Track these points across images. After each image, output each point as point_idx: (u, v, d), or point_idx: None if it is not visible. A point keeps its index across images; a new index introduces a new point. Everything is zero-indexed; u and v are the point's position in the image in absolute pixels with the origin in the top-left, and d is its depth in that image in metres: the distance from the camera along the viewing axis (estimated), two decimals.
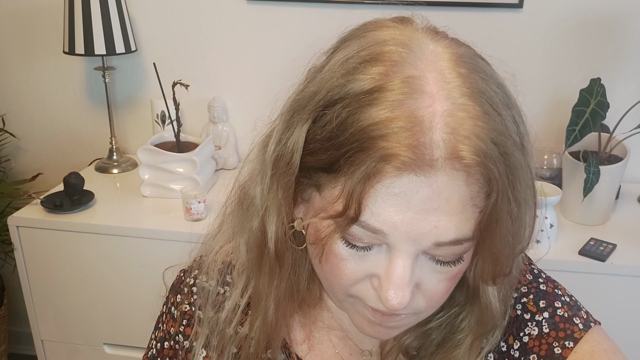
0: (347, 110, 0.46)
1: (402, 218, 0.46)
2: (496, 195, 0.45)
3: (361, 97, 0.45)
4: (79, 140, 2.00)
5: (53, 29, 1.84)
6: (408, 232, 0.46)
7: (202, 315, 0.66)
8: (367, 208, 0.46)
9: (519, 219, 0.48)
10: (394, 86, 0.45)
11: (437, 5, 1.64)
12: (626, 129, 1.43)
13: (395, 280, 0.48)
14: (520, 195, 0.47)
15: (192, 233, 1.48)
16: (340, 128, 0.46)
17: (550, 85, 1.68)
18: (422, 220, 0.46)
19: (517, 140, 0.48)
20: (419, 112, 0.44)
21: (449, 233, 0.46)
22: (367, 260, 0.50)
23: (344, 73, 0.47)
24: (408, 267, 0.48)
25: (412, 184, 0.44)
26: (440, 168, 0.44)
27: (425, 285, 0.51)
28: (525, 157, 0.48)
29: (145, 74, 1.87)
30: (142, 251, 1.51)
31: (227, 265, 0.66)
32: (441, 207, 0.45)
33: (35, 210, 1.56)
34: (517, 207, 0.47)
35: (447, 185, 0.45)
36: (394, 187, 0.45)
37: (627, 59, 1.62)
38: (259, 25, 1.75)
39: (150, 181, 1.62)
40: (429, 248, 0.47)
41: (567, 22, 1.62)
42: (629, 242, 1.38)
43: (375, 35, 0.49)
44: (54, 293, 1.61)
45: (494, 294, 0.56)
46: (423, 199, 0.45)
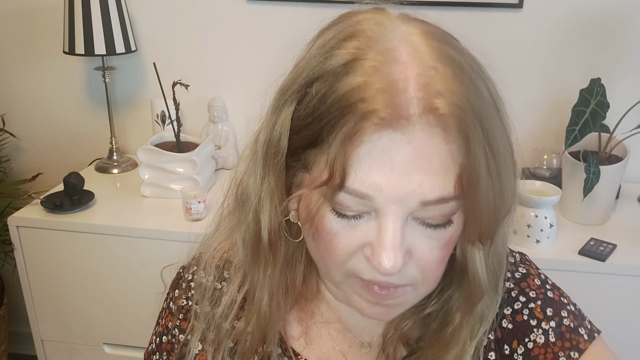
0: (327, 84, 0.48)
1: (386, 180, 0.47)
2: (474, 148, 0.46)
3: (338, 70, 0.48)
4: (79, 140, 2.00)
5: (53, 29, 1.84)
6: (393, 193, 0.47)
7: (199, 310, 0.67)
8: (351, 173, 0.47)
9: (500, 176, 0.48)
10: (369, 56, 0.47)
11: (437, 5, 1.64)
12: (626, 129, 1.43)
13: (387, 244, 0.48)
14: (498, 151, 0.48)
15: (192, 233, 1.48)
16: (321, 101, 0.48)
17: (550, 85, 1.68)
18: (405, 180, 0.47)
19: (491, 102, 0.49)
20: (393, 76, 0.46)
21: (434, 191, 0.47)
22: (358, 230, 0.51)
23: (322, 53, 0.50)
24: (398, 230, 0.49)
25: (392, 143, 0.46)
26: (417, 124, 0.46)
27: (418, 253, 0.51)
28: (500, 115, 0.50)
29: (145, 74, 1.87)
30: (142, 251, 1.51)
31: (224, 262, 0.67)
32: (423, 166, 0.46)
33: (35, 210, 1.56)
34: (496, 164, 0.48)
35: (426, 142, 0.46)
36: (374, 148, 0.46)
37: (627, 59, 1.62)
38: (259, 25, 1.75)
39: (150, 181, 1.62)
40: (416, 209, 0.48)
41: (567, 22, 1.62)
42: (629, 242, 1.38)
43: (351, 19, 0.52)
44: (54, 293, 1.61)
45: (481, 263, 0.56)
46: (404, 158, 0.46)
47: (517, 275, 0.65)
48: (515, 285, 0.64)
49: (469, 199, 0.48)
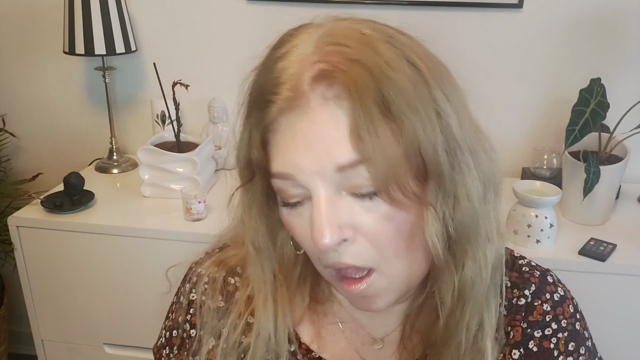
0: (254, 83, 0.55)
1: (301, 157, 0.50)
2: (364, 101, 0.48)
3: (259, 76, 0.55)
4: (79, 140, 2.00)
5: (53, 29, 1.84)
6: (310, 167, 0.50)
7: (212, 305, 0.67)
8: (274, 159, 0.53)
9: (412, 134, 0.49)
10: (284, 57, 0.53)
11: (437, 5, 1.64)
12: (626, 129, 1.43)
13: (317, 218, 0.51)
14: (404, 114, 0.49)
15: (192, 233, 1.48)
16: (248, 97, 0.55)
17: (550, 85, 1.68)
18: (316, 150, 0.50)
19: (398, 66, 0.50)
20: (295, 65, 0.51)
21: (344, 154, 0.49)
22: (304, 216, 0.54)
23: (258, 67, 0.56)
24: (325, 202, 0.51)
25: (297, 122, 0.50)
26: (312, 98, 0.50)
27: (364, 228, 0.52)
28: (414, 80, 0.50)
29: (145, 74, 1.87)
30: (142, 251, 1.51)
31: (241, 259, 0.68)
32: (328, 135, 0.49)
33: (35, 210, 1.56)
34: (399, 124, 0.49)
35: (324, 113, 0.49)
36: (286, 130, 0.51)
37: (627, 59, 1.62)
38: (259, 25, 1.75)
39: (150, 181, 1.62)
40: (340, 180, 0.50)
41: (567, 22, 1.62)
42: (629, 242, 1.38)
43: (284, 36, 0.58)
44: (54, 293, 1.61)
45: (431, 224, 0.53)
46: (310, 132, 0.50)
47: (555, 297, 0.65)
48: (551, 309, 0.64)
49: (371, 160, 0.49)
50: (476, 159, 0.54)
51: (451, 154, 0.52)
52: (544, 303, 0.64)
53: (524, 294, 0.64)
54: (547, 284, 0.66)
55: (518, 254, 0.69)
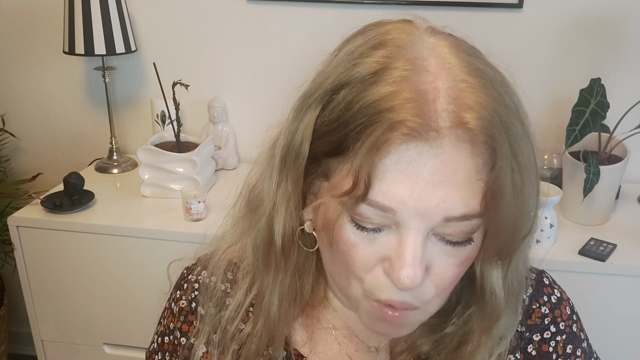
0: (354, 91, 0.47)
1: (410, 193, 0.46)
2: (500, 162, 0.46)
3: (367, 78, 0.47)
4: (79, 140, 2.00)
5: (53, 29, 1.84)
6: (417, 207, 0.46)
7: (204, 312, 0.66)
8: (375, 185, 0.46)
9: (522, 193, 0.48)
10: (398, 65, 0.47)
11: (437, 5, 1.64)
12: (626, 129, 1.43)
13: (407, 259, 0.47)
14: (522, 166, 0.47)
15: (192, 233, 1.48)
16: (347, 108, 0.47)
17: (550, 85, 1.68)
18: (429, 194, 0.46)
19: (517, 116, 0.49)
20: (423, 86, 0.46)
21: (457, 207, 0.46)
22: (377, 244, 0.50)
23: (350, 60, 0.49)
24: (419, 244, 0.48)
25: (419, 155, 0.45)
26: (446, 137, 0.45)
27: (435, 269, 0.50)
28: (525, 129, 0.49)
29: (145, 74, 1.87)
30: (142, 251, 1.51)
31: (232, 265, 0.67)
32: (448, 180, 0.46)
33: (35, 210, 1.56)
34: (522, 179, 0.47)
35: (453, 156, 0.45)
36: (401, 160, 0.46)
37: (627, 59, 1.62)
38: (259, 25, 1.75)
39: (150, 181, 1.62)
40: (439, 225, 0.47)
41: (567, 22, 1.62)
42: (629, 242, 1.38)
43: (379, 29, 0.52)
44: (54, 293, 1.61)
45: (498, 282, 0.55)
46: (430, 170, 0.45)
47: (552, 299, 0.65)
48: (549, 312, 0.64)
49: (492, 215, 0.47)
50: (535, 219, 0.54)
51: (537, 214, 0.53)
52: (542, 306, 0.64)
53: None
54: (543, 286, 0.66)
55: None
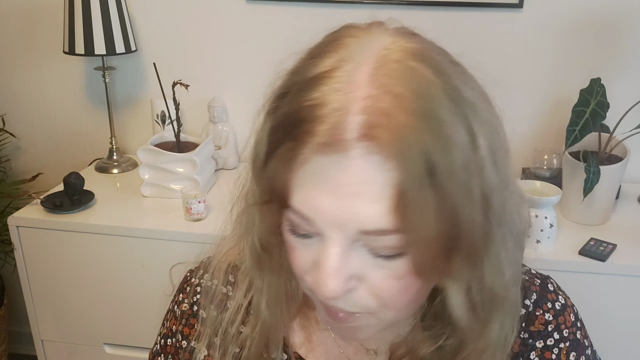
0: (289, 98, 0.48)
1: (325, 204, 0.46)
2: (410, 179, 0.43)
3: (302, 87, 0.47)
4: (79, 140, 2.00)
5: (53, 29, 1.84)
6: (332, 218, 0.46)
7: (205, 315, 0.67)
8: (295, 193, 0.47)
9: (444, 207, 0.45)
10: (330, 74, 0.46)
11: (438, 5, 1.64)
12: (626, 129, 1.43)
13: (325, 268, 0.47)
14: (444, 181, 0.44)
15: (192, 233, 1.48)
16: (281, 115, 0.48)
17: (550, 85, 1.68)
18: (343, 205, 0.45)
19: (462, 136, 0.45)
20: (343, 96, 0.45)
21: (372, 222, 0.45)
22: (311, 248, 0.50)
23: (296, 66, 0.50)
24: (337, 254, 0.47)
25: (331, 166, 0.45)
26: (355, 149, 0.44)
27: (370, 281, 0.49)
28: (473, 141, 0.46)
29: (145, 74, 1.87)
30: (142, 251, 1.51)
31: (232, 267, 0.67)
32: (361, 193, 0.44)
33: (35, 210, 1.56)
34: (442, 193, 0.44)
35: (363, 168, 0.44)
36: (316, 170, 0.45)
37: (627, 59, 1.62)
38: (259, 25, 1.75)
39: (150, 181, 1.62)
40: (359, 237, 0.47)
41: (567, 22, 1.62)
42: (629, 242, 1.38)
43: (332, 36, 0.51)
44: (54, 293, 1.61)
45: (456, 299, 0.52)
46: (343, 182, 0.45)
47: (557, 305, 0.64)
48: (553, 318, 0.63)
49: (405, 231, 0.45)
50: (511, 227, 0.52)
51: (488, 229, 0.49)
52: (546, 312, 0.63)
53: (524, 303, 0.63)
54: (548, 292, 0.65)
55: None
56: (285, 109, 0.48)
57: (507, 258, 0.52)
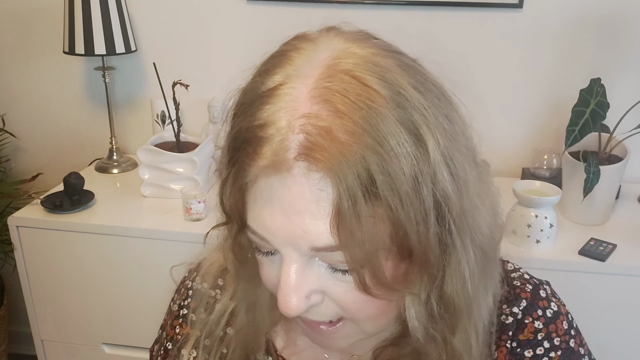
0: (240, 116, 0.48)
1: (275, 223, 0.46)
2: (341, 197, 0.43)
3: (250, 105, 0.47)
4: (79, 140, 2.00)
5: (53, 29, 1.84)
6: (284, 236, 0.47)
7: (195, 318, 0.67)
8: (249, 213, 0.48)
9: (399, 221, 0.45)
10: (276, 93, 0.46)
11: (438, 5, 1.64)
12: (626, 129, 1.43)
13: (283, 286, 0.48)
14: (394, 202, 0.44)
15: (192, 233, 1.48)
16: (231, 133, 0.49)
17: (550, 85, 1.68)
18: (291, 223, 0.46)
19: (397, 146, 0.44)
20: (288, 115, 0.45)
21: (321, 239, 0.45)
22: (275, 266, 0.51)
23: (245, 85, 0.50)
24: (293, 272, 0.48)
25: (276, 185, 0.45)
26: (296, 168, 0.44)
27: (333, 294, 0.50)
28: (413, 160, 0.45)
29: (145, 74, 1.87)
30: (141, 251, 1.51)
31: (223, 270, 0.67)
32: (308, 211, 0.45)
33: (35, 210, 1.56)
34: (372, 210, 0.44)
35: (305, 187, 0.44)
36: (264, 190, 0.46)
37: (627, 59, 1.62)
38: (259, 25, 1.75)
39: (150, 181, 1.62)
40: (313, 253, 0.47)
41: (567, 22, 1.62)
42: (629, 242, 1.38)
43: (282, 49, 0.50)
44: (54, 293, 1.61)
45: (410, 310, 0.51)
46: (289, 201, 0.45)
47: (548, 313, 0.61)
48: (544, 327, 0.60)
49: (351, 248, 0.45)
50: (475, 234, 0.51)
51: (446, 238, 0.48)
52: (536, 320, 0.61)
53: (512, 311, 0.61)
54: (539, 300, 0.62)
55: (512, 266, 0.65)
56: (236, 129, 0.48)
57: (469, 267, 0.50)
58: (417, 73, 0.49)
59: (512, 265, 0.65)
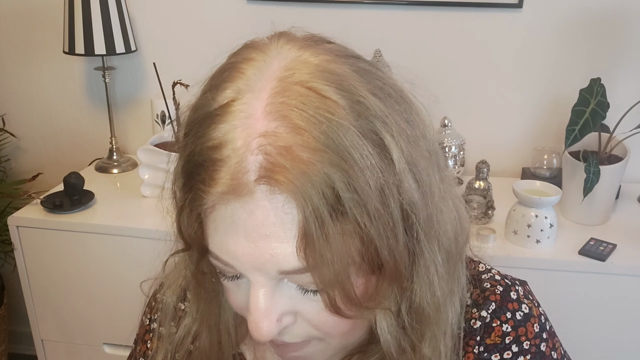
0: (191, 139, 0.46)
1: (240, 249, 0.44)
2: (304, 216, 0.42)
3: (202, 124, 0.45)
4: (79, 140, 2.00)
5: (53, 29, 1.84)
6: (250, 261, 0.45)
7: (164, 331, 0.66)
8: (210, 239, 0.46)
9: (369, 237, 0.43)
10: (228, 110, 0.44)
11: (437, 5, 1.64)
12: (626, 129, 1.43)
13: (253, 312, 0.46)
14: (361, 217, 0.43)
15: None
16: (186, 158, 0.47)
17: (550, 85, 1.68)
18: (258, 248, 0.44)
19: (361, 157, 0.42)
20: (243, 134, 0.42)
21: (289, 261, 0.44)
22: (242, 289, 0.49)
23: (195, 101, 0.48)
24: (262, 296, 0.46)
25: (239, 210, 0.43)
26: (257, 191, 0.42)
27: (306, 315, 0.48)
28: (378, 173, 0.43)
29: (145, 74, 1.87)
30: (142, 251, 1.51)
31: (189, 282, 0.65)
32: (273, 234, 0.43)
33: (35, 210, 1.56)
34: (339, 228, 0.42)
35: (269, 209, 0.42)
36: (225, 216, 0.44)
37: (627, 59, 1.62)
38: (259, 25, 1.74)
39: (150, 181, 1.62)
40: (281, 276, 0.45)
41: (567, 22, 1.62)
42: (629, 242, 1.38)
43: (230, 60, 0.49)
44: (54, 293, 1.61)
45: (380, 322, 0.50)
46: (253, 225, 0.43)
47: (517, 316, 0.58)
48: (512, 330, 0.57)
49: (319, 268, 0.43)
50: (441, 239, 0.50)
51: (414, 247, 0.47)
52: (504, 323, 0.57)
53: (480, 315, 0.58)
54: (508, 302, 0.58)
55: (484, 267, 0.63)
56: (188, 150, 0.46)
57: (437, 272, 0.50)
58: (374, 78, 0.47)
59: (484, 265, 0.63)
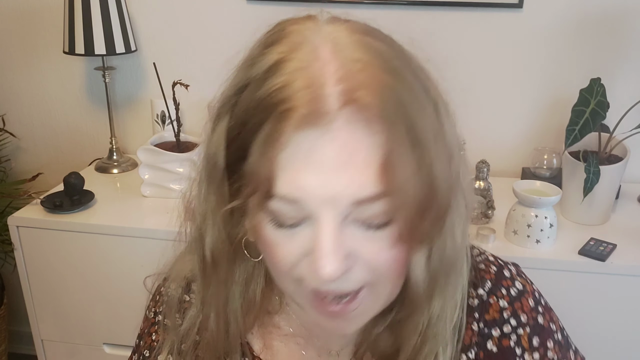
0: (252, 90, 0.47)
1: (314, 182, 0.45)
2: (395, 138, 0.44)
3: (261, 76, 0.47)
4: (79, 140, 2.00)
5: (53, 29, 1.84)
6: (323, 195, 0.45)
7: (169, 323, 0.67)
8: (279, 178, 0.46)
9: (425, 168, 0.46)
10: (290, 57, 0.46)
11: (437, 5, 1.64)
12: (626, 129, 1.43)
13: (323, 249, 0.46)
14: (428, 142, 0.46)
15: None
16: (246, 109, 0.47)
17: (550, 85, 1.68)
18: (334, 178, 0.44)
19: (422, 93, 0.48)
20: (313, 73, 0.45)
21: (365, 189, 0.45)
22: (297, 239, 0.49)
23: (247, 61, 0.50)
24: (332, 233, 0.46)
25: (316, 141, 0.44)
26: (338, 119, 0.44)
27: (365, 256, 0.49)
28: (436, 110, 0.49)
29: (145, 74, 1.87)
30: (142, 251, 1.51)
31: (194, 274, 0.66)
32: (350, 162, 0.44)
33: (35, 210, 1.56)
34: (425, 155, 0.46)
35: (349, 137, 0.44)
36: (299, 149, 0.44)
37: (627, 59, 1.62)
38: (259, 25, 1.74)
39: (150, 181, 1.62)
40: (351, 210, 0.46)
41: (567, 22, 1.62)
42: (629, 242, 1.38)
43: (274, 29, 0.53)
44: (54, 293, 1.61)
45: (419, 264, 0.52)
46: (330, 155, 0.44)
47: (512, 292, 0.62)
48: (509, 305, 0.61)
49: (396, 193, 0.45)
50: (464, 192, 0.53)
51: (453, 189, 0.50)
52: (500, 299, 0.61)
53: (477, 293, 0.61)
54: (503, 279, 0.62)
55: (477, 251, 0.66)
56: (247, 100, 0.47)
57: (459, 222, 0.53)
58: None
59: (478, 250, 0.66)
